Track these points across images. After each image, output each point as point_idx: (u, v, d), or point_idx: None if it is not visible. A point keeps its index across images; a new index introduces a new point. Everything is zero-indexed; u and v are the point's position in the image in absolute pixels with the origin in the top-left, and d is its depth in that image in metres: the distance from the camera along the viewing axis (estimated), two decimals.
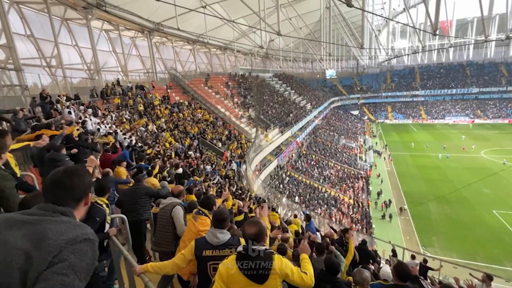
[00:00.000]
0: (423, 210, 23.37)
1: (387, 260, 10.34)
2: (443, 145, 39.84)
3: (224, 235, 2.15)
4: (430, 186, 27.84)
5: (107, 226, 2.48)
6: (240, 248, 1.81)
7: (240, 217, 5.83)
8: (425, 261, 8.03)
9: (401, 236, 20.29)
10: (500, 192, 24.97)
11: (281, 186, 24.70)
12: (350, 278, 3.04)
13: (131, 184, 4.86)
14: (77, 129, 7.32)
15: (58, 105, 10.07)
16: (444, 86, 64.18)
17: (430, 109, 62.82)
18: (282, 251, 3.14)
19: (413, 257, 8.68)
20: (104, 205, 2.65)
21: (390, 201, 24.90)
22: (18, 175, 2.79)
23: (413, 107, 64.81)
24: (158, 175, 6.85)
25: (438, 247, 18.70)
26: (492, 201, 23.56)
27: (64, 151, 4.40)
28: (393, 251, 9.69)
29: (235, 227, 3.51)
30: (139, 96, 18.39)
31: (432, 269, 7.69)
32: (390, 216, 22.76)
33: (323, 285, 2.54)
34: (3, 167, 2.15)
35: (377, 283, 3.03)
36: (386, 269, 3.36)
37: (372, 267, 5.43)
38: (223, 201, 6.21)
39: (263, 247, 1.79)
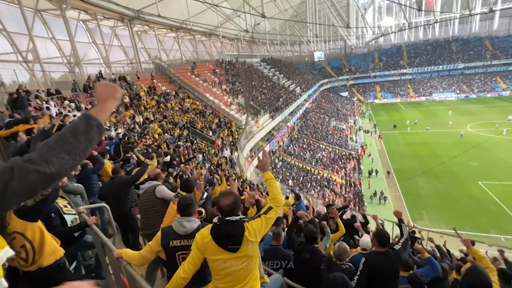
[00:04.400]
0: (413, 186, 24.07)
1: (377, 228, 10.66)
2: (427, 125, 40.61)
3: (192, 223, 2.09)
4: (420, 162, 28.55)
5: (67, 217, 2.41)
6: (215, 219, 1.83)
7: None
8: (413, 232, 8.33)
9: (392, 210, 20.93)
10: (486, 164, 25.84)
11: (274, 171, 24.91)
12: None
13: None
14: (60, 124, 7.11)
15: (38, 100, 9.72)
16: (431, 63, 64.64)
17: (418, 87, 63.46)
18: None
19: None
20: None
21: (381, 193, 23.46)
22: None
23: (401, 85, 65.32)
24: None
25: (427, 220, 19.42)
26: (478, 173, 24.39)
27: None
28: (381, 225, 9.99)
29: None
30: (123, 88, 17.90)
31: (419, 239, 8.00)
32: (385, 199, 22.91)
33: (303, 255, 2.61)
34: None
35: (358, 253, 3.12)
36: (365, 239, 3.47)
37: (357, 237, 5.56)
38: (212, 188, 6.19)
39: (237, 217, 1.80)
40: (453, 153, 28.62)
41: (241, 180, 13.51)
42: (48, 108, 8.25)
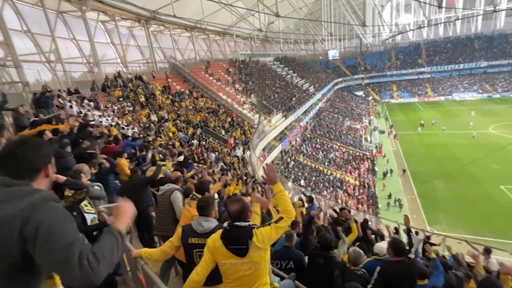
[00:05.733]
0: (429, 188, 23.33)
1: (392, 237, 10.45)
2: (444, 125, 39.09)
3: (209, 223, 2.18)
4: (437, 164, 27.61)
5: (88, 216, 2.52)
6: (225, 224, 1.92)
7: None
8: (428, 237, 8.10)
9: (407, 214, 20.38)
10: (509, 167, 24.66)
11: (286, 170, 24.84)
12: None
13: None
14: (80, 123, 7.39)
15: (60, 100, 10.13)
16: (451, 62, 62.18)
17: (437, 86, 61.28)
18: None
19: (416, 233, 8.74)
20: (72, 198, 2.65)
21: (399, 200, 22.29)
22: None
23: (419, 85, 63.28)
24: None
25: (445, 224, 18.79)
26: (500, 177, 23.30)
27: (69, 149, 4.44)
28: (396, 228, 9.74)
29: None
30: (139, 87, 18.35)
31: (435, 245, 7.76)
32: (401, 206, 21.65)
33: (316, 260, 2.61)
34: None
35: (372, 259, 3.08)
36: (380, 244, 3.41)
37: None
38: (224, 186, 6.26)
39: (246, 223, 1.87)
40: (473, 155, 27.51)
41: (253, 179, 13.56)
42: (71, 107, 8.58)
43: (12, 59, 12.02)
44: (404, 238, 8.91)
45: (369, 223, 6.53)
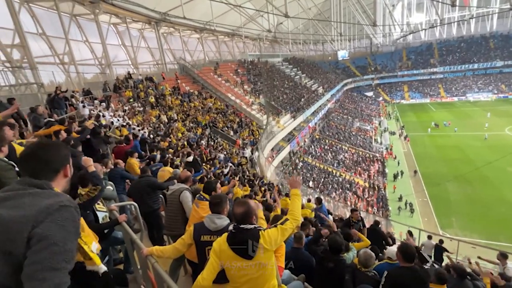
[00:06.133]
0: (442, 191, 22.76)
1: (402, 241, 10.23)
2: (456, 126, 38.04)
3: (222, 221, 2.17)
4: (450, 166, 26.92)
5: (99, 214, 2.56)
6: (230, 227, 1.89)
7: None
8: (441, 241, 7.87)
9: (419, 218, 19.98)
10: None
11: (294, 171, 24.70)
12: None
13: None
14: (93, 123, 7.56)
15: (73, 100, 10.38)
16: (465, 61, 60.60)
17: (450, 86, 59.84)
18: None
19: (429, 237, 8.52)
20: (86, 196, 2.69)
21: (410, 204, 21.49)
22: None
23: (431, 85, 61.94)
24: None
25: (458, 228, 18.30)
26: None
27: (80, 148, 4.54)
28: (409, 232, 9.51)
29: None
30: (150, 88, 18.62)
31: (447, 251, 7.53)
32: (412, 211, 20.95)
33: (326, 264, 2.56)
34: (5, 158, 2.24)
35: (384, 262, 3.01)
36: (393, 248, 3.33)
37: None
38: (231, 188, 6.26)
39: (252, 226, 1.85)
40: (487, 157, 26.70)
41: (261, 180, 13.55)
42: (84, 106, 8.78)
43: (28, 61, 12.38)
44: (416, 242, 8.73)
45: (380, 225, 6.40)
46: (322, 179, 25.04)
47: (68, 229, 0.95)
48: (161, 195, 4.54)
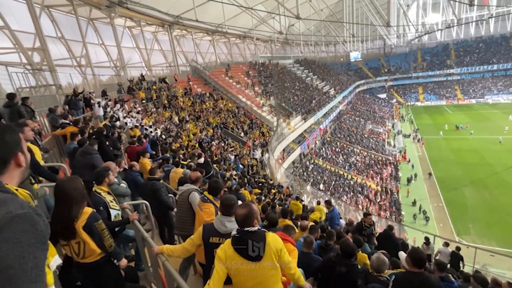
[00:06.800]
0: (458, 196, 22.02)
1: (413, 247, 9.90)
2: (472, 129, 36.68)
3: (233, 224, 2.11)
4: (467, 170, 26.03)
5: (112, 212, 2.61)
6: (234, 232, 1.86)
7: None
8: (458, 249, 7.59)
9: (434, 223, 19.39)
10: None
11: (305, 174, 24.51)
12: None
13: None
14: (105, 124, 7.76)
15: (91, 101, 10.70)
16: (484, 62, 58.57)
17: (467, 88, 57.92)
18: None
19: (446, 244, 8.21)
20: (104, 193, 2.73)
21: (424, 212, 20.91)
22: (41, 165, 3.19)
23: (447, 87, 60.17)
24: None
25: (475, 235, 17.64)
26: None
27: (96, 147, 4.67)
28: (426, 238, 9.14)
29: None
30: (162, 89, 18.96)
31: (462, 261, 7.22)
32: (425, 215, 20.34)
33: (338, 268, 2.50)
34: None
35: (398, 272, 2.91)
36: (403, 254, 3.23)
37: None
38: None
39: (255, 228, 1.83)
40: (507, 161, 25.63)
41: (271, 182, 13.51)
42: (99, 106, 9.03)
43: (48, 64, 12.85)
44: (432, 249, 8.44)
45: (394, 230, 6.24)
46: (333, 182, 24.71)
47: (27, 243, 0.68)
48: (172, 195, 4.60)
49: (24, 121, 3.54)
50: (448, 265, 6.82)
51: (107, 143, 5.61)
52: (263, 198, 8.94)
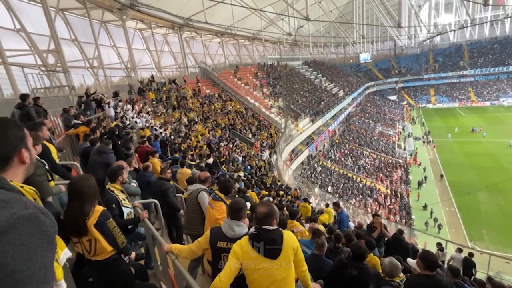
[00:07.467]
0: (471, 201, 21.42)
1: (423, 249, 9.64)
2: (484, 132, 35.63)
3: (241, 228, 2.09)
4: (480, 174, 25.31)
5: (125, 210, 2.64)
6: (252, 230, 1.87)
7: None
8: (471, 255, 7.37)
9: (445, 228, 18.91)
10: None
11: (313, 176, 24.32)
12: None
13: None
14: (117, 125, 7.89)
15: (103, 102, 10.91)
16: (499, 64, 56.99)
17: (481, 90, 56.44)
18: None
19: (459, 250, 7.99)
20: (117, 191, 2.77)
21: (435, 220, 19.95)
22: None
23: (460, 88, 58.79)
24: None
25: (489, 241, 17.12)
26: None
27: (110, 146, 4.77)
28: (439, 244, 8.88)
29: None
30: (172, 91, 19.19)
31: (474, 268, 7.00)
32: (437, 223, 19.31)
33: (349, 271, 2.46)
34: (37, 156, 2.38)
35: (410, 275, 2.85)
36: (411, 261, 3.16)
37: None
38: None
39: (274, 227, 1.84)
40: None
41: (279, 183, 13.46)
42: (109, 107, 9.19)
43: (62, 65, 13.18)
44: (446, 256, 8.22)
45: (403, 235, 6.11)
46: (342, 185, 24.43)
47: (34, 244, 0.65)
48: (180, 195, 4.63)
49: (42, 120, 3.63)
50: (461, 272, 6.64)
51: (119, 142, 5.70)
52: (271, 199, 8.91)
